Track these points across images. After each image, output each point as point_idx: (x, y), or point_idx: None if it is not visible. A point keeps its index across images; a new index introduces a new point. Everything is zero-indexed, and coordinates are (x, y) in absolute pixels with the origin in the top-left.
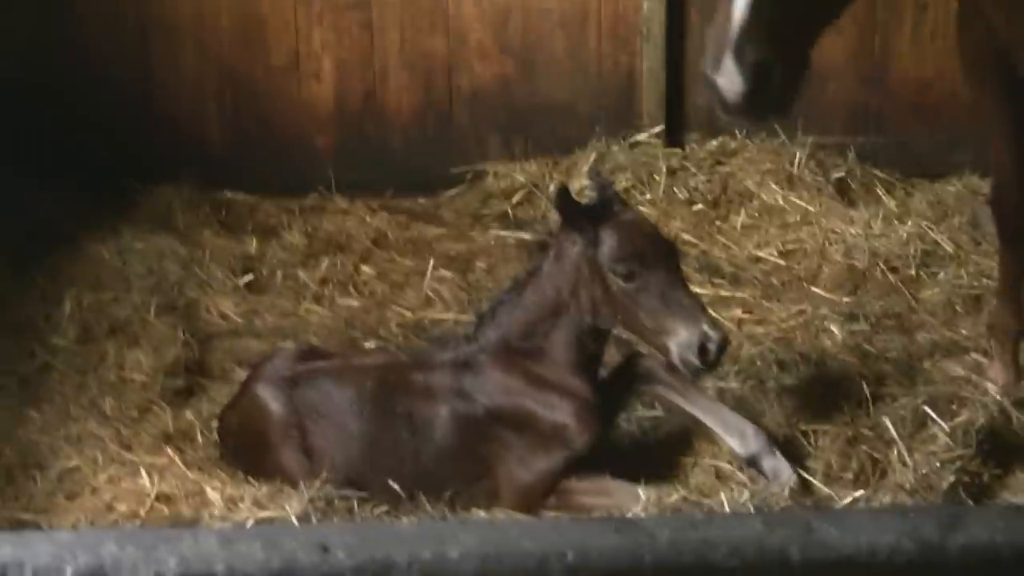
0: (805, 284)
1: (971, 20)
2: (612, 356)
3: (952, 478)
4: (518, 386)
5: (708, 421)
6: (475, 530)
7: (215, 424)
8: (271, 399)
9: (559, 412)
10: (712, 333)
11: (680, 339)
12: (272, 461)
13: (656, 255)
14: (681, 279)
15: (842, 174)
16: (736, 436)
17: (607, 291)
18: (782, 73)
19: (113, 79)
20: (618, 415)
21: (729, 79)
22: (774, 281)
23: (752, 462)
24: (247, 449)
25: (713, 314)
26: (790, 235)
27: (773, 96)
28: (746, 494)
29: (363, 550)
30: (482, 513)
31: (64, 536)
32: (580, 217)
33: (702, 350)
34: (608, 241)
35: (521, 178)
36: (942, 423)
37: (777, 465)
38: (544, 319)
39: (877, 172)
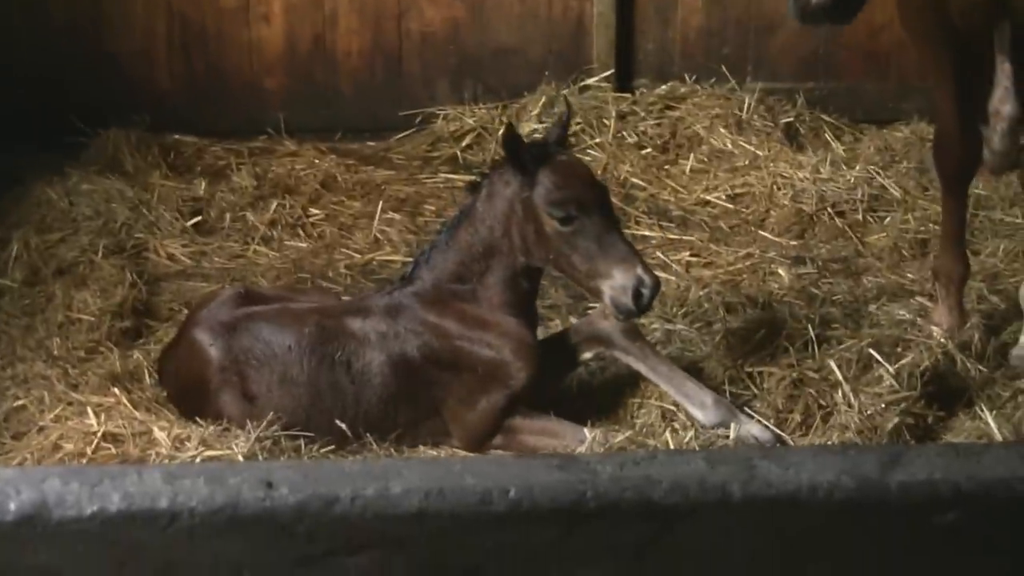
0: (753, 228)
1: None
2: (562, 301)
3: (896, 420)
4: (454, 328)
5: (669, 390)
6: (418, 467)
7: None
8: (209, 344)
9: (496, 350)
10: (646, 278)
11: (614, 283)
12: (211, 406)
13: (593, 200)
14: (616, 224)
15: (791, 119)
16: (697, 406)
17: (541, 232)
18: None
19: (63, 21)
20: (568, 373)
21: None
22: (722, 225)
23: (716, 429)
24: (186, 394)
25: (644, 259)
26: (739, 179)
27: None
28: (690, 434)
29: (306, 486)
30: (431, 451)
31: (7, 472)
32: (524, 158)
33: (636, 294)
34: (545, 183)
35: (470, 122)
36: (887, 365)
37: (748, 429)
38: (477, 259)
39: (826, 117)
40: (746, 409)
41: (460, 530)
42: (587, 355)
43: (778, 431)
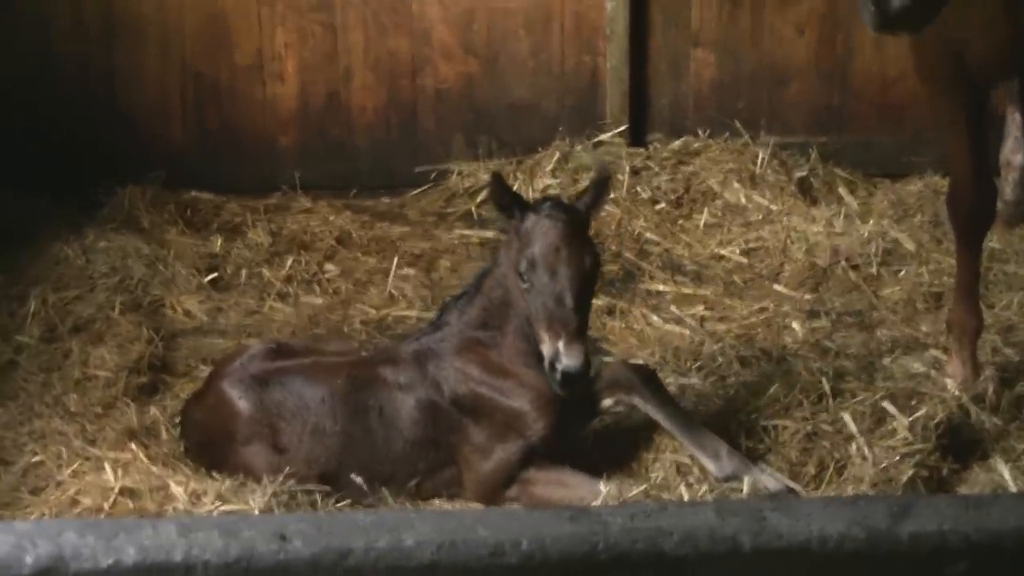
0: (767, 282)
1: None
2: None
3: (911, 472)
4: (476, 373)
5: (683, 440)
6: (430, 518)
7: (178, 419)
8: (240, 397)
9: (515, 400)
10: (563, 354)
11: (545, 348)
12: (238, 458)
13: (548, 263)
14: (570, 293)
15: (804, 173)
16: (711, 458)
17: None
18: None
19: (78, 79)
20: (589, 421)
21: None
22: (736, 279)
23: (730, 481)
24: (211, 445)
25: (585, 338)
26: (752, 233)
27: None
28: (704, 488)
29: (320, 538)
30: (445, 504)
31: (24, 526)
32: (510, 205)
33: (551, 366)
34: (519, 239)
35: (485, 177)
36: (901, 418)
37: (762, 481)
38: (497, 307)
39: (839, 171)
40: (759, 463)
41: None
42: (608, 402)
43: (791, 483)
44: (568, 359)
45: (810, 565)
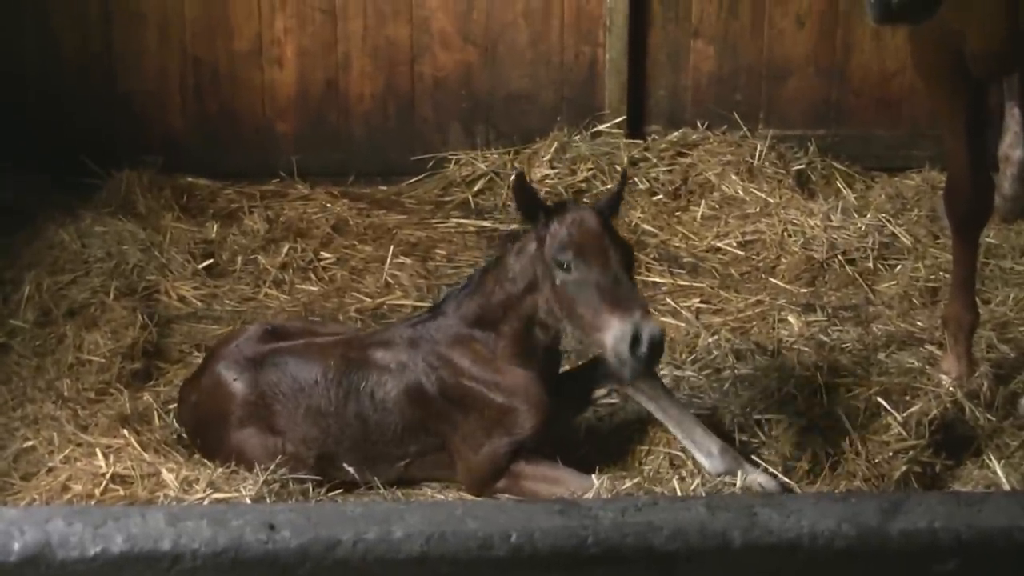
0: (763, 275)
1: None
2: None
3: (904, 468)
4: (467, 368)
5: (676, 434)
6: (420, 510)
7: (173, 405)
8: (235, 379)
9: (505, 397)
10: (644, 325)
11: (614, 331)
12: (233, 441)
13: (596, 248)
14: (623, 275)
15: (802, 166)
16: (704, 454)
17: (553, 286)
18: None
19: (77, 63)
20: (582, 411)
21: None
22: (733, 272)
23: (723, 477)
24: (206, 428)
25: (652, 311)
26: (749, 226)
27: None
28: (697, 482)
29: (309, 529)
30: (436, 493)
31: (11, 512)
32: (534, 208)
33: (634, 342)
34: (553, 234)
35: (482, 167)
36: (895, 413)
37: (754, 478)
38: (495, 309)
39: (837, 165)
40: (753, 458)
41: (461, 575)
42: (601, 392)
43: (786, 480)
44: (651, 327)
45: (800, 562)
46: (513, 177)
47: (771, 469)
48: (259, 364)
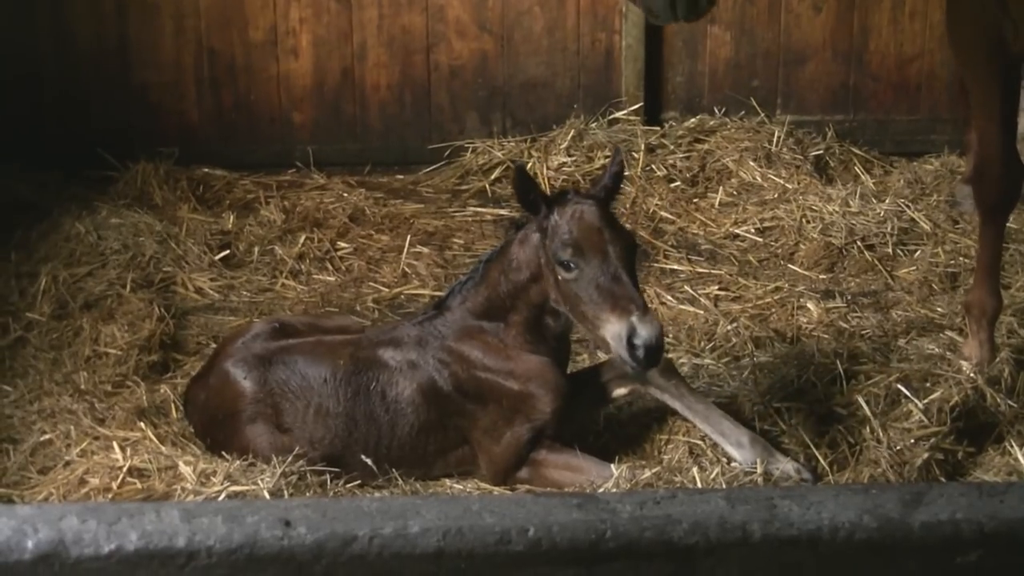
0: (782, 262)
1: None
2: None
3: (926, 455)
4: (479, 360)
5: (705, 428)
6: (436, 505)
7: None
8: (243, 377)
9: (521, 384)
10: (640, 326)
11: (613, 332)
12: (241, 438)
13: (595, 246)
14: (624, 271)
15: (820, 152)
16: (734, 445)
17: (557, 281)
18: None
19: (92, 55)
20: (598, 410)
21: None
22: (751, 258)
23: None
24: (215, 425)
25: (650, 307)
26: (768, 212)
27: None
28: (717, 470)
29: (324, 525)
30: (456, 484)
31: (25, 510)
32: (535, 199)
33: (629, 343)
34: (554, 228)
35: (499, 155)
36: (916, 400)
37: (783, 468)
38: (503, 298)
39: (855, 150)
40: (782, 446)
41: (478, 570)
42: (620, 391)
43: (814, 471)
44: (646, 329)
45: (821, 554)
46: (513, 170)
47: (800, 461)
48: (268, 362)
